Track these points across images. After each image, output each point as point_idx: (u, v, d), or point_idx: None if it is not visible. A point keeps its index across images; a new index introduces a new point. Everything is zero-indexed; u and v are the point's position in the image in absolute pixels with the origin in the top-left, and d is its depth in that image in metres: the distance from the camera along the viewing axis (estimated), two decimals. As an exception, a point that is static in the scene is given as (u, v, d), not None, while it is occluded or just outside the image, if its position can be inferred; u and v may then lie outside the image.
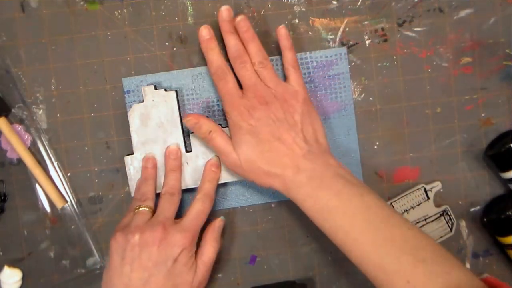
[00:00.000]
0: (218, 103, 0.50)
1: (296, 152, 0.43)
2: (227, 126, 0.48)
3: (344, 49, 0.50)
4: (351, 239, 0.40)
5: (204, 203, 0.46)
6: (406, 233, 0.40)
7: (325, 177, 0.42)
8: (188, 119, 0.46)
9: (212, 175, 0.48)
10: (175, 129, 0.48)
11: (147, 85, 0.49)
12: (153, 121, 0.48)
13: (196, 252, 0.46)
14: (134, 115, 0.48)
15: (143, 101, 0.48)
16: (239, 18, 0.46)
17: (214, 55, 0.46)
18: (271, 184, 0.44)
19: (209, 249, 0.46)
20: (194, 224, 0.45)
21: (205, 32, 0.46)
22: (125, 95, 0.50)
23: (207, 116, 0.48)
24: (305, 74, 0.50)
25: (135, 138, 0.48)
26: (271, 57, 0.50)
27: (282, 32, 0.47)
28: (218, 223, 0.48)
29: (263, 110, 0.44)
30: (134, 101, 0.50)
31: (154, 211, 0.46)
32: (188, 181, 0.48)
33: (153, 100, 0.48)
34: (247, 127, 0.44)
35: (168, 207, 0.45)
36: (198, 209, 0.45)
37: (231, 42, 0.46)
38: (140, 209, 0.45)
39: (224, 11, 0.46)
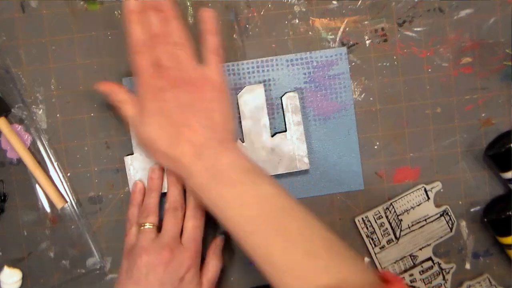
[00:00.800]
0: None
1: (197, 139, 0.42)
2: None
3: (344, 49, 0.50)
4: (244, 230, 0.39)
5: (195, 219, 0.46)
6: (300, 226, 0.39)
7: (222, 167, 0.41)
8: (101, 85, 0.46)
9: None
10: None
11: None
12: None
13: (200, 270, 0.46)
14: None
15: None
16: None
17: (136, 28, 0.44)
18: (171, 168, 0.44)
19: (212, 267, 0.47)
20: (194, 241, 0.45)
21: (132, 4, 0.44)
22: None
23: (124, 87, 0.47)
24: (305, 74, 0.50)
25: (134, 139, 0.48)
26: (271, 57, 0.50)
27: (207, 15, 0.45)
28: (219, 241, 0.48)
29: (172, 92, 0.42)
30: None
31: (158, 222, 0.46)
32: None
33: None
34: (152, 107, 0.43)
35: (172, 225, 0.45)
36: (192, 226, 0.45)
37: (152, 20, 0.44)
38: (145, 227, 0.45)
39: None
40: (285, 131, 0.48)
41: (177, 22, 0.44)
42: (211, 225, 0.51)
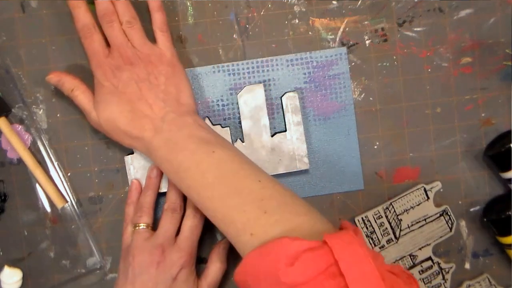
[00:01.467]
0: (218, 103, 0.50)
1: (156, 114, 0.43)
2: (227, 126, 0.48)
3: (344, 49, 0.50)
4: (204, 197, 0.41)
5: (194, 218, 0.46)
6: (253, 185, 0.40)
7: (181, 139, 0.42)
8: (50, 77, 0.46)
9: None
10: None
11: None
12: None
13: (202, 272, 0.46)
14: None
15: None
16: None
17: (80, 13, 0.45)
18: (133, 146, 0.45)
19: (213, 270, 0.47)
20: (189, 241, 0.45)
21: None
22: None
23: (73, 75, 0.47)
24: (305, 74, 0.50)
25: None
26: (272, 57, 0.50)
27: None
28: (222, 244, 0.48)
29: (127, 70, 0.44)
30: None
31: (153, 222, 0.46)
32: None
33: None
34: (109, 86, 0.44)
35: (169, 225, 0.45)
36: (190, 225, 0.46)
37: (97, 8, 0.45)
38: (140, 227, 0.45)
39: None
40: (285, 131, 0.48)
41: (129, 4, 0.45)
42: (211, 226, 0.51)
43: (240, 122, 0.49)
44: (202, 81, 0.50)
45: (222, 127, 0.48)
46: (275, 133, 0.49)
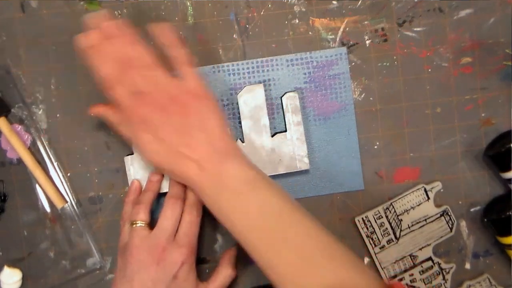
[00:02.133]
0: (218, 102, 0.50)
1: (199, 155, 0.42)
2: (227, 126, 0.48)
3: (344, 49, 0.50)
4: (248, 239, 0.40)
5: (191, 214, 0.45)
6: (297, 232, 0.40)
7: (226, 178, 0.41)
8: (92, 111, 0.46)
9: None
10: None
11: None
12: None
13: (209, 275, 0.46)
14: None
15: None
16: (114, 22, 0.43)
17: (101, 63, 0.43)
18: (179, 180, 0.45)
19: (224, 275, 0.46)
20: (188, 237, 0.45)
21: (89, 39, 0.43)
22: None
23: (111, 106, 0.45)
24: (305, 74, 0.50)
25: None
26: (272, 57, 0.50)
27: (160, 31, 0.44)
28: (233, 250, 0.48)
29: (160, 116, 0.42)
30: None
31: (150, 220, 0.46)
32: None
33: None
34: (145, 137, 0.42)
35: (168, 222, 0.44)
36: (187, 221, 0.45)
37: (115, 47, 0.43)
38: (137, 225, 0.45)
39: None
40: (285, 131, 0.48)
41: (141, 43, 0.43)
42: (211, 225, 0.51)
43: (240, 122, 0.49)
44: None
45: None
46: (275, 133, 0.49)
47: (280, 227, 0.40)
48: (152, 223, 0.45)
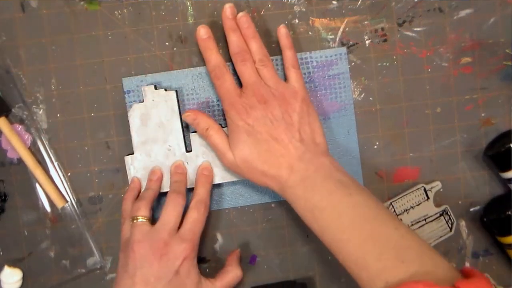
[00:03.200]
0: (218, 102, 0.50)
1: (292, 153, 0.43)
2: (227, 126, 0.48)
3: (344, 49, 0.50)
4: (337, 239, 0.40)
5: (199, 211, 0.46)
6: (391, 232, 0.40)
7: (318, 178, 0.42)
8: (187, 114, 0.47)
9: (204, 179, 0.48)
10: (175, 129, 0.48)
11: (147, 85, 0.49)
12: (153, 121, 0.48)
13: (217, 274, 0.47)
14: (134, 115, 0.48)
15: (143, 101, 0.48)
16: (241, 14, 0.46)
17: (212, 54, 0.46)
18: (267, 184, 0.44)
19: (233, 276, 0.47)
20: (192, 233, 0.45)
21: (202, 31, 0.46)
22: (125, 95, 0.50)
23: (207, 113, 0.48)
24: (305, 74, 0.50)
25: (135, 138, 0.48)
26: (272, 57, 0.50)
27: (282, 32, 0.47)
28: (238, 252, 0.49)
29: (261, 109, 0.44)
30: (134, 101, 0.50)
31: (151, 216, 0.46)
32: (188, 181, 0.48)
33: (153, 100, 0.48)
34: (244, 126, 0.44)
35: (170, 217, 0.45)
36: (193, 217, 0.45)
37: (233, 38, 0.46)
38: (138, 221, 0.45)
39: (228, 9, 0.46)
40: None
41: (257, 39, 0.46)
42: (210, 225, 0.51)
43: None
44: (202, 81, 0.50)
45: (223, 127, 0.48)
46: None
47: (373, 228, 0.40)
48: (153, 223, 0.46)
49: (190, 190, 0.48)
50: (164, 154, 0.48)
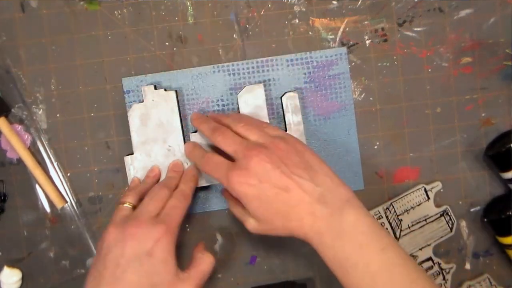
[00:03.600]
0: (218, 102, 0.50)
1: (309, 196, 0.39)
2: None
3: (344, 49, 0.50)
4: None
5: (177, 199, 0.44)
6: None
7: (346, 225, 0.38)
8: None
9: (188, 178, 0.47)
10: (175, 129, 0.48)
11: (147, 85, 0.49)
12: (153, 121, 0.48)
13: (188, 264, 0.43)
14: (134, 115, 0.48)
15: (143, 101, 0.48)
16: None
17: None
18: (293, 235, 0.41)
19: (202, 260, 0.43)
20: (168, 217, 0.42)
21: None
22: (125, 95, 0.50)
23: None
24: (305, 74, 0.50)
25: (135, 138, 0.48)
26: (272, 57, 0.50)
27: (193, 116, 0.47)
28: (202, 244, 0.46)
29: (257, 163, 0.40)
30: (134, 101, 0.50)
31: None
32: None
33: (153, 100, 0.48)
34: (249, 191, 0.40)
35: (151, 201, 0.43)
36: (171, 204, 0.43)
37: (204, 126, 0.45)
38: (124, 205, 0.44)
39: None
40: (285, 131, 0.48)
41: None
42: (210, 224, 0.51)
43: None
44: (202, 81, 0.50)
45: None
46: None
47: (402, 282, 0.37)
48: None
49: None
50: (164, 154, 0.48)
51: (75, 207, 0.50)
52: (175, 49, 0.50)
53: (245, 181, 0.40)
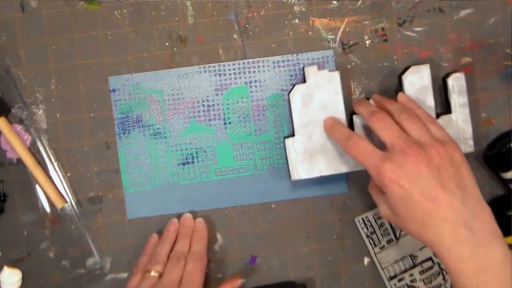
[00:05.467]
0: (203, 103, 0.50)
1: (454, 218, 0.37)
2: (213, 127, 0.48)
3: (331, 52, 0.50)
4: None
5: (194, 263, 0.46)
6: None
7: (493, 260, 0.36)
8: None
9: (198, 236, 0.49)
10: (338, 111, 0.47)
11: (309, 66, 0.47)
12: (316, 102, 0.46)
13: None
14: (296, 96, 0.47)
15: (304, 82, 0.47)
16: None
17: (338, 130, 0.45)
18: (423, 243, 0.39)
19: None
20: (190, 282, 0.45)
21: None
22: (110, 93, 0.50)
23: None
24: (291, 76, 0.50)
25: (296, 119, 0.47)
26: (258, 58, 0.50)
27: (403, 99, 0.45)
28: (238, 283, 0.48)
29: (412, 164, 0.38)
30: (119, 100, 0.50)
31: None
32: (342, 166, 0.47)
33: (316, 81, 0.47)
34: (397, 191, 0.38)
35: (172, 270, 0.46)
36: (189, 268, 0.46)
37: (362, 108, 0.44)
38: (150, 274, 0.46)
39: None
40: (449, 113, 0.47)
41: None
42: (210, 224, 0.51)
43: (225, 123, 0.49)
44: (188, 81, 0.50)
45: (207, 127, 0.48)
46: (438, 115, 0.47)
47: None
48: None
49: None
50: (325, 138, 0.47)
51: (75, 207, 0.50)
52: (175, 49, 0.50)
53: (396, 180, 0.38)
